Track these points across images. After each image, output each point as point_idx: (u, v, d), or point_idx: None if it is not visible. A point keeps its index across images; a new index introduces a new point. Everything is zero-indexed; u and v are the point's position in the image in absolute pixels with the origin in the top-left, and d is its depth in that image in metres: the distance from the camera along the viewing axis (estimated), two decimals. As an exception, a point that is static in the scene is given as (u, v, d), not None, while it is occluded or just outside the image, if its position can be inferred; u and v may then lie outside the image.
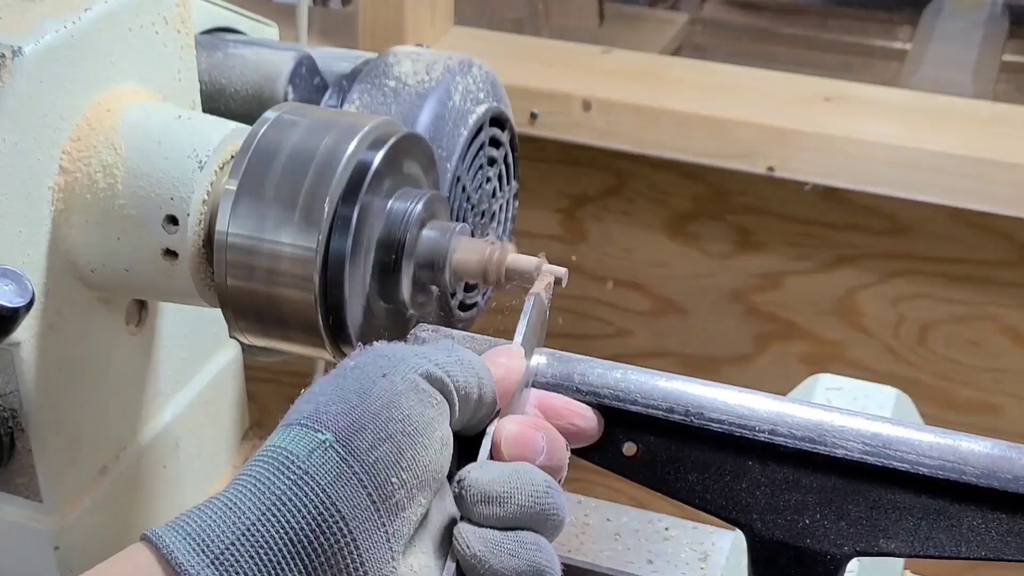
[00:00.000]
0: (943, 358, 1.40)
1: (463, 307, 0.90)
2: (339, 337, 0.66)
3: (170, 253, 0.69)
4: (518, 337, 0.60)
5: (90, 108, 0.70)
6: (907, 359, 1.42)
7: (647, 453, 0.61)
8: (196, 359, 0.87)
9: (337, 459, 0.50)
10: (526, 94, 1.32)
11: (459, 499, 0.53)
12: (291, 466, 0.49)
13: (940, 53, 1.72)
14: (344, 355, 0.67)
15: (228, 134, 0.70)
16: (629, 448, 0.61)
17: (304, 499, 0.49)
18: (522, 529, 0.53)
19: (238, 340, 0.70)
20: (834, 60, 1.88)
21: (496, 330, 0.68)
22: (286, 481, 0.49)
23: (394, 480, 0.50)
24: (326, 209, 0.64)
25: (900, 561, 0.84)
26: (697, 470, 0.60)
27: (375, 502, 0.50)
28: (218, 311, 0.69)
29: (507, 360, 0.58)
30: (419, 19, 1.38)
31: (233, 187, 0.65)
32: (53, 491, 0.74)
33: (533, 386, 0.61)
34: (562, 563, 0.58)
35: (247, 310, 0.67)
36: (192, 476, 0.88)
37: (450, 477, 0.55)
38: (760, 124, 1.27)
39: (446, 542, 0.53)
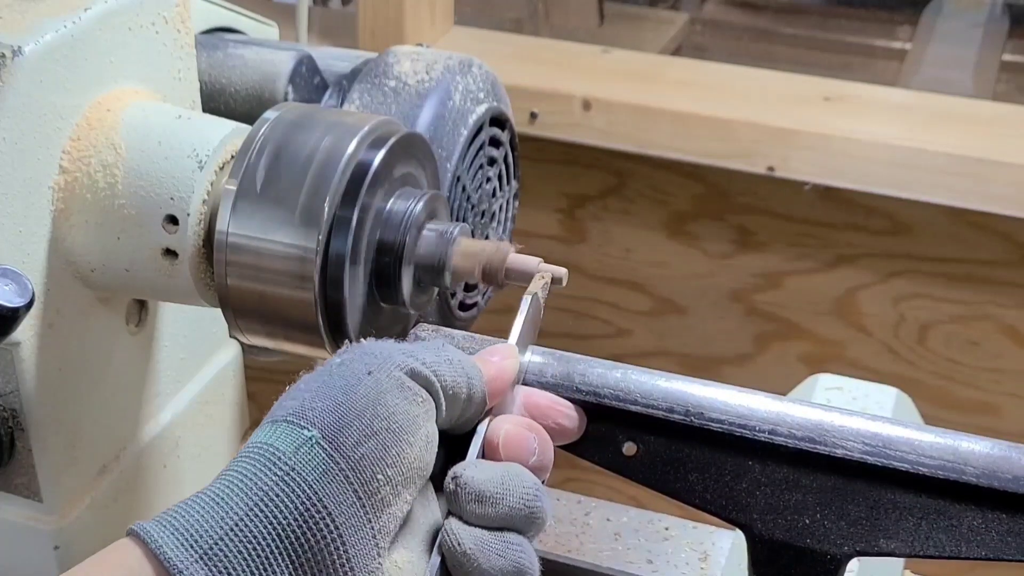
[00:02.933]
0: (943, 358, 1.40)
1: (463, 307, 0.90)
2: (339, 337, 0.66)
3: (170, 253, 0.69)
4: (513, 336, 0.61)
5: (90, 108, 0.70)
6: (907, 359, 1.42)
7: (647, 453, 0.61)
8: (196, 359, 0.87)
9: (323, 455, 0.50)
10: (526, 94, 1.32)
11: (452, 496, 0.53)
12: (277, 462, 0.50)
13: (940, 53, 1.71)
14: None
15: (228, 134, 0.70)
16: (629, 448, 0.61)
17: (291, 495, 0.49)
18: (508, 530, 0.53)
19: (238, 340, 0.70)
20: (834, 60, 1.88)
21: (497, 330, 0.68)
22: (273, 477, 0.49)
23: (379, 477, 0.51)
24: (326, 209, 0.64)
25: (900, 561, 0.84)
26: (697, 470, 0.60)
27: (361, 498, 0.50)
28: (218, 311, 0.69)
29: (500, 360, 0.58)
30: (419, 19, 1.38)
31: (233, 187, 0.65)
32: (53, 491, 0.74)
33: (532, 385, 0.61)
34: (562, 563, 0.58)
35: (247, 310, 0.67)
36: (192, 476, 0.88)
37: (436, 476, 0.55)
38: (760, 124, 1.27)
39: (430, 539, 0.54)
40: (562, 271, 0.65)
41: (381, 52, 0.91)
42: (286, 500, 0.49)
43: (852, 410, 0.59)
